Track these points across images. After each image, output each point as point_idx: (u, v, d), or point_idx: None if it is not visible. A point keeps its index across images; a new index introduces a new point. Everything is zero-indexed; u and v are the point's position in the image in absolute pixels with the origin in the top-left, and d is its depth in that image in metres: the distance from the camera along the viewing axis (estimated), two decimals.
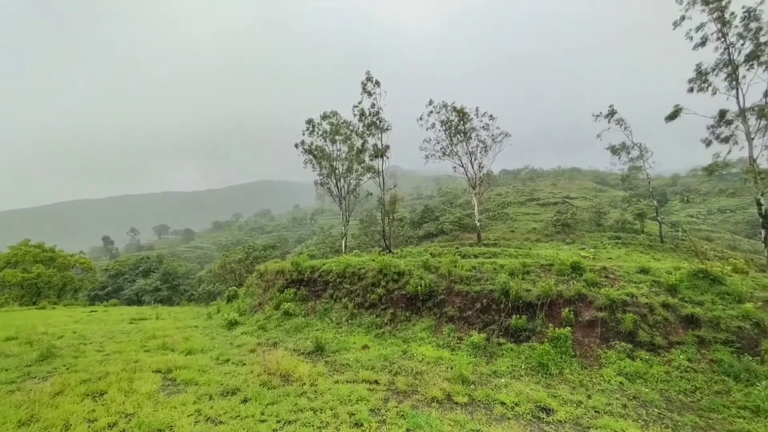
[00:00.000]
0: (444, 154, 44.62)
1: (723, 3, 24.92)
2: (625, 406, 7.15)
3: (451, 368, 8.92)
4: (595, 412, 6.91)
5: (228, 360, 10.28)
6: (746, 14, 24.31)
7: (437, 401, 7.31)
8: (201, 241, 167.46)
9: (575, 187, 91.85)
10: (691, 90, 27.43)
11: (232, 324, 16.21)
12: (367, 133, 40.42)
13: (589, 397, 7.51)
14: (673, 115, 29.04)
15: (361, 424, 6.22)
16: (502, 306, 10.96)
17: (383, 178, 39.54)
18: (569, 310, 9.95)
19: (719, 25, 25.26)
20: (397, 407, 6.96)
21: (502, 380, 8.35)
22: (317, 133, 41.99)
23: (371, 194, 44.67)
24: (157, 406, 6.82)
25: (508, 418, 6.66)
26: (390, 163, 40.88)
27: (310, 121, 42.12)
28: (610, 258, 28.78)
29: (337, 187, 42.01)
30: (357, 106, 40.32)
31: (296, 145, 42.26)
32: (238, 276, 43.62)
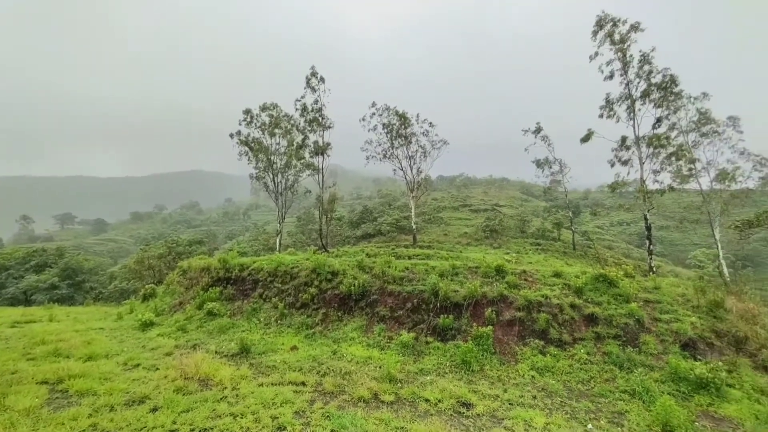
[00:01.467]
0: (385, 156, 45.24)
1: (625, 45, 28.93)
2: (534, 397, 7.84)
3: (380, 367, 9.03)
4: (509, 404, 7.47)
5: (138, 365, 9.31)
6: (642, 57, 28.46)
7: (364, 401, 7.34)
8: (115, 234, 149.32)
9: (504, 196, 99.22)
10: (601, 116, 31.27)
11: (146, 325, 14.74)
12: (309, 129, 39.50)
13: (505, 390, 8.09)
14: (586, 138, 32.85)
15: (285, 428, 6.05)
16: (432, 306, 11.40)
17: (323, 176, 38.92)
18: (492, 310, 10.67)
19: (622, 64, 29.21)
20: (323, 408, 6.88)
21: (428, 378, 8.66)
22: (255, 124, 39.95)
23: (310, 192, 43.68)
24: (37, 424, 5.88)
25: (431, 415, 6.91)
26: (331, 162, 40.36)
27: (248, 111, 39.93)
28: (531, 262, 31.51)
29: (274, 183, 40.34)
30: (299, 101, 39.22)
31: (231, 135, 39.78)
32: (157, 273, 39.74)
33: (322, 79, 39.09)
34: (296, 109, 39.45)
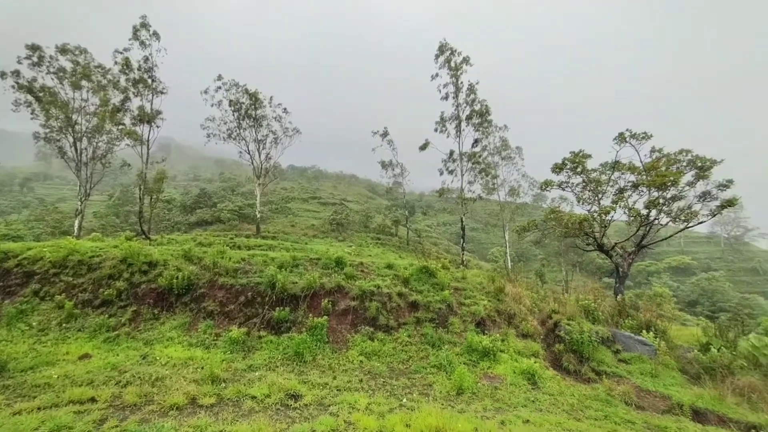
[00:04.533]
0: (230, 136, 41.14)
1: (458, 73, 34.51)
2: (361, 380, 8.37)
3: (202, 368, 8.06)
4: (337, 390, 7.74)
5: None
6: (470, 87, 34.51)
7: (177, 408, 6.40)
8: None
9: (352, 192, 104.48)
10: (436, 130, 36.41)
11: None
12: (133, 90, 32.17)
13: (334, 378, 8.36)
14: (424, 147, 37.70)
15: None
16: (267, 299, 10.89)
17: (148, 149, 32.39)
18: (328, 301, 10.93)
19: (455, 88, 34.76)
20: (117, 426, 5.66)
21: (257, 374, 8.20)
22: (49, 68, 30.10)
23: (129, 166, 35.74)
24: None
25: (257, 412, 6.54)
26: (162, 134, 34.03)
27: (35, 48, 29.69)
28: (370, 255, 34.03)
29: (76, 149, 31.35)
30: (121, 53, 31.42)
31: (3, 75, 28.88)
32: None
33: (156, 35, 32.37)
34: (115, 63, 31.56)
